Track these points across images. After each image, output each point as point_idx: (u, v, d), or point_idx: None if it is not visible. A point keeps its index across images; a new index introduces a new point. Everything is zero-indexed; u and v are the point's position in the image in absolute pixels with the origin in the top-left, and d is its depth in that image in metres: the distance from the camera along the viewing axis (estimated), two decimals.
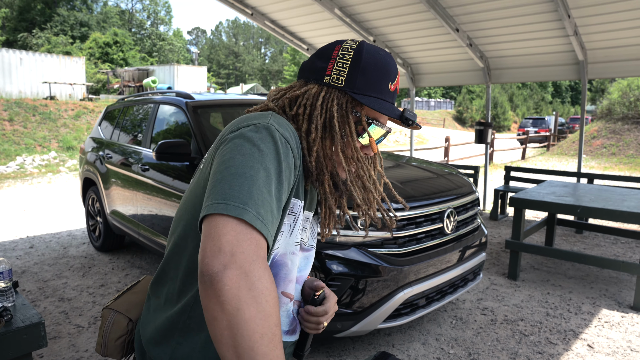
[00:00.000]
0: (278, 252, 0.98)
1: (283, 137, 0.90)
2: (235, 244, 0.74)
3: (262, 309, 0.72)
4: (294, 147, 0.93)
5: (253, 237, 0.76)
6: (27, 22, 43.64)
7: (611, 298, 3.97)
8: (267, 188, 0.82)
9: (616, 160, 14.95)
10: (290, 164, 0.90)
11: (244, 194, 0.78)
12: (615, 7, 5.20)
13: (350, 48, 1.02)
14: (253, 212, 0.77)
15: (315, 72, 1.03)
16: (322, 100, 1.00)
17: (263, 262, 0.76)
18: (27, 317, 1.62)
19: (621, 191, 4.68)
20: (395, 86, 1.05)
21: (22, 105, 15.42)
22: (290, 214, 0.98)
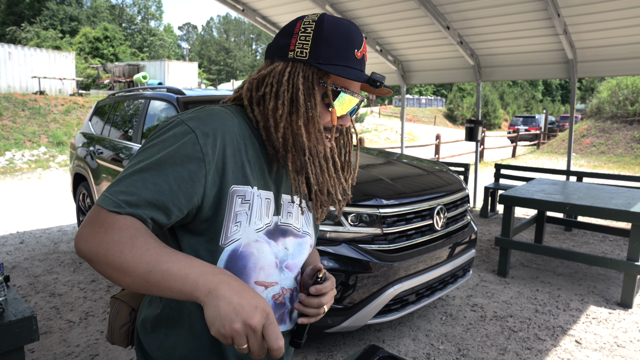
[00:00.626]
0: (241, 242, 0.98)
1: (194, 131, 0.93)
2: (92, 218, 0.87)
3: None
4: (215, 138, 0.94)
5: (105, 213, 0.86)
6: (16, 16, 43.06)
7: (599, 295, 4.02)
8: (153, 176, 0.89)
9: (605, 158, 15.12)
10: (189, 154, 0.91)
11: (120, 183, 0.89)
12: (604, 7, 5.26)
13: (311, 21, 1.02)
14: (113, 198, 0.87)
15: (279, 50, 1.04)
16: (288, 75, 1.00)
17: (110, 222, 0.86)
18: (18, 311, 1.62)
19: (609, 189, 4.75)
20: (362, 53, 1.04)
21: (11, 100, 15.24)
22: (244, 203, 0.98)
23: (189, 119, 0.95)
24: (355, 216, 2.69)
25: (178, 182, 0.90)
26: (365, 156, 3.84)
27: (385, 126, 30.27)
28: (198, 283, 0.81)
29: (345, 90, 1.03)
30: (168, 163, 0.90)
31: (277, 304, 1.07)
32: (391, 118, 37.95)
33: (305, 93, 1.00)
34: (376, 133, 27.44)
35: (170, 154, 0.90)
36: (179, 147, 0.91)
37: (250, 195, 0.99)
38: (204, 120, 0.95)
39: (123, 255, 0.83)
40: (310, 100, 1.00)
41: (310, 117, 1.00)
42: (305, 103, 1.00)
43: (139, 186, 0.88)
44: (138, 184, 0.88)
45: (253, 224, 0.99)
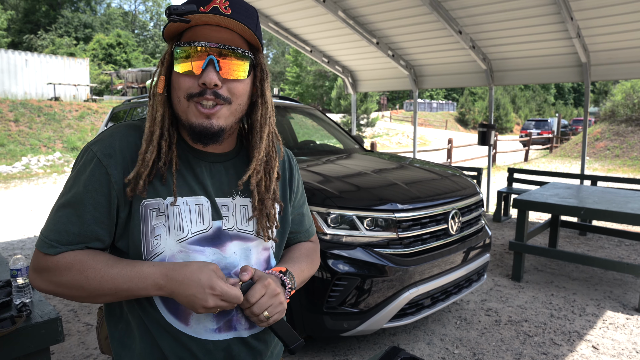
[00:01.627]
0: (165, 255, 0.97)
1: (96, 155, 0.96)
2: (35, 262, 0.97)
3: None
4: (119, 159, 0.96)
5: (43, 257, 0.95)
6: (32, 24, 43.87)
7: (615, 300, 3.99)
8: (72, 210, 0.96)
9: (620, 162, 14.94)
10: (98, 178, 0.96)
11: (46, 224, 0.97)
12: (618, 10, 5.23)
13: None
14: (46, 239, 0.95)
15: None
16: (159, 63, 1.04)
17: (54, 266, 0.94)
18: (45, 313, 1.66)
19: (625, 193, 4.71)
20: (211, 6, 0.92)
21: (27, 106, 15.51)
22: (159, 215, 0.97)
23: (94, 143, 0.98)
24: (371, 220, 2.71)
25: (98, 208, 0.95)
26: (378, 160, 3.86)
27: (397, 130, 30.24)
28: (158, 292, 0.94)
29: (180, 44, 0.95)
30: (83, 193, 0.94)
31: (219, 312, 1.02)
32: (402, 122, 37.90)
33: (157, 74, 1.01)
34: (387, 137, 27.42)
35: (84, 184, 0.95)
36: (88, 175, 0.95)
37: (164, 207, 0.97)
38: (106, 141, 0.97)
39: (84, 290, 0.93)
40: (158, 78, 0.99)
41: (152, 96, 1.01)
42: (152, 88, 1.01)
43: (65, 222, 0.94)
44: (63, 219, 0.94)
45: (173, 235, 0.98)
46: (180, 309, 1.00)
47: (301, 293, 2.63)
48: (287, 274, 1.09)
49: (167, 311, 1.00)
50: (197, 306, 0.92)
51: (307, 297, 2.62)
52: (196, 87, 0.94)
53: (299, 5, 6.74)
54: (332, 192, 2.74)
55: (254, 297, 0.96)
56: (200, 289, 0.90)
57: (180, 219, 0.98)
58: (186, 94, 0.95)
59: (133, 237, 0.97)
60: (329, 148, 4.48)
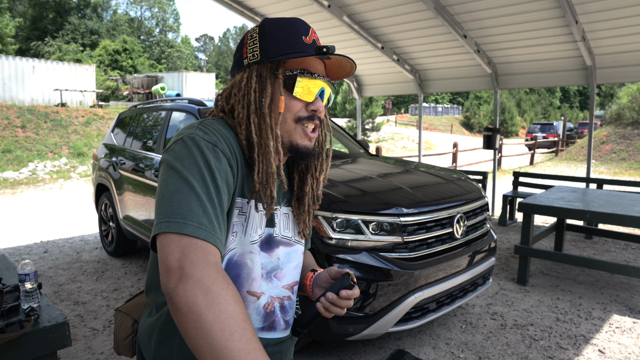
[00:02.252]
0: (235, 252, 1.00)
1: (210, 142, 0.93)
2: (182, 257, 0.79)
3: (224, 309, 0.77)
4: (225, 149, 0.95)
5: (198, 246, 0.81)
6: (40, 31, 44.30)
7: (622, 304, 3.96)
8: (207, 197, 0.86)
9: (626, 165, 14.86)
10: (223, 167, 0.92)
11: (182, 208, 0.83)
12: (623, 13, 5.22)
13: (255, 27, 1.08)
14: (194, 223, 0.82)
15: (236, 64, 1.09)
16: (246, 79, 1.03)
17: (214, 266, 0.81)
18: (52, 317, 1.68)
19: (631, 196, 4.68)
20: (312, 38, 1.05)
21: (34, 112, 15.64)
22: (241, 214, 1.00)
23: (203, 135, 0.94)
24: (377, 225, 2.72)
25: (227, 200, 0.93)
26: (384, 165, 3.87)
27: (402, 135, 30.22)
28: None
29: (302, 72, 1.02)
30: (220, 180, 0.90)
31: (267, 313, 1.07)
32: (407, 127, 37.87)
33: (259, 89, 1.02)
34: (393, 142, 27.41)
35: (217, 171, 0.90)
36: (221, 169, 0.92)
37: (247, 208, 1.00)
38: (214, 134, 0.96)
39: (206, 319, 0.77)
40: (264, 95, 1.01)
41: (261, 112, 1.01)
42: (258, 100, 1.01)
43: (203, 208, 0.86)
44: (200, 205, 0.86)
45: (248, 236, 1.01)
46: None
47: (306, 297, 2.63)
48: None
49: None
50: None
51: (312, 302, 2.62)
52: (304, 112, 1.05)
53: (304, 11, 6.78)
54: (337, 197, 2.75)
55: (357, 296, 1.08)
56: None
57: (254, 222, 1.03)
58: (295, 117, 1.04)
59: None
60: (335, 153, 4.49)
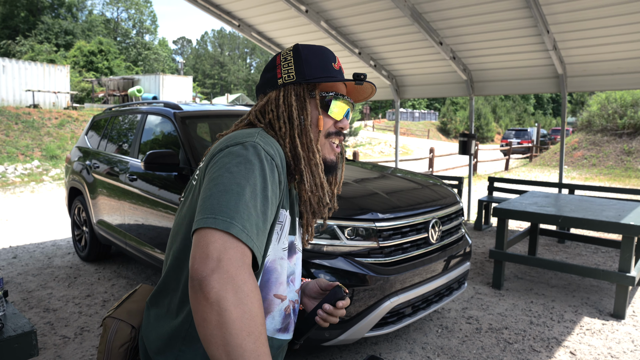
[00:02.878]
0: (269, 258, 1.05)
1: (268, 154, 0.98)
2: (222, 250, 0.81)
3: (248, 310, 0.79)
4: (279, 164, 1.01)
5: (239, 246, 0.83)
6: (10, 30, 43.13)
7: (592, 306, 4.06)
8: (252, 203, 0.89)
9: (596, 171, 15.27)
10: (275, 180, 0.97)
11: (231, 208, 0.85)
12: (592, 24, 5.38)
13: (288, 51, 1.17)
14: (239, 225, 0.84)
15: (268, 82, 1.17)
16: (283, 97, 1.13)
17: (248, 268, 0.83)
18: (18, 326, 1.63)
19: (601, 201, 4.81)
20: (339, 65, 1.18)
21: (4, 113, 15.21)
22: (277, 223, 1.05)
23: (264, 145, 0.99)
24: (352, 230, 2.72)
25: (273, 212, 0.97)
26: (360, 170, 3.89)
27: (379, 139, 30.44)
28: None
29: (335, 94, 1.15)
30: (271, 192, 0.95)
31: (286, 315, 1.13)
32: (385, 132, 38.18)
33: (298, 107, 1.12)
34: (370, 147, 27.57)
35: (271, 184, 0.95)
36: (271, 177, 0.96)
37: (284, 217, 1.07)
38: (271, 146, 1.01)
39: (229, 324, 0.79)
40: (303, 114, 1.11)
41: (303, 129, 1.11)
42: (298, 117, 1.11)
43: (255, 214, 0.88)
44: (253, 211, 0.88)
45: (281, 243, 1.07)
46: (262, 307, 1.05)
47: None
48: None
49: None
50: None
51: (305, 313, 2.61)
52: (333, 128, 1.17)
53: (282, 16, 6.78)
54: None
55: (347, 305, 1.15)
56: None
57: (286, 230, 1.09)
58: (326, 132, 1.16)
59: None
60: None
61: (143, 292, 1.26)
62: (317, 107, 1.14)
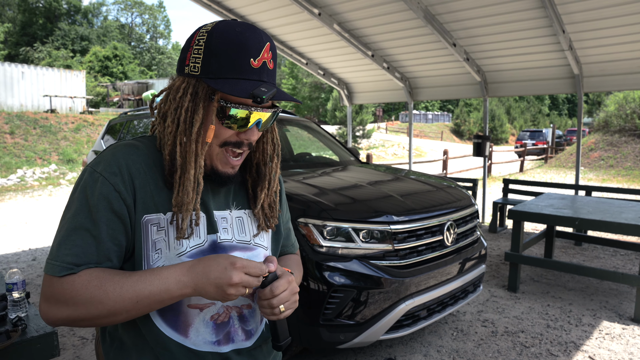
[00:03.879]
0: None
1: (101, 174, 0.97)
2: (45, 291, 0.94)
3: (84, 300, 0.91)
4: (120, 179, 0.97)
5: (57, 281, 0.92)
6: (29, 37, 44.00)
7: (611, 310, 4.00)
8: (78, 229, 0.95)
9: (614, 172, 15.04)
10: (106, 196, 0.95)
11: (54, 247, 0.95)
12: (608, 23, 5.31)
13: (205, 32, 0.98)
14: (57, 263, 0.92)
15: (179, 64, 1.02)
16: (182, 92, 0.99)
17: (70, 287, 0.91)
18: (40, 327, 1.66)
19: (619, 203, 4.74)
20: (262, 60, 0.98)
21: (23, 118, 15.50)
22: (160, 230, 0.99)
23: (96, 164, 0.99)
24: (367, 232, 2.72)
25: (110, 225, 0.96)
26: (374, 173, 3.88)
27: (392, 142, 30.35)
28: (182, 290, 0.93)
29: (236, 105, 0.97)
30: (95, 213, 0.94)
31: (217, 324, 1.05)
32: (398, 134, 38.07)
33: (190, 110, 0.98)
34: (383, 149, 27.52)
35: (94, 204, 0.95)
36: (97, 195, 0.95)
37: (164, 222, 1.00)
38: (108, 160, 0.98)
39: (103, 306, 0.91)
40: (194, 118, 0.98)
41: (188, 135, 0.98)
42: (186, 120, 0.98)
43: (81, 244, 0.93)
44: (79, 242, 0.93)
45: (173, 249, 1.00)
46: (179, 321, 1.02)
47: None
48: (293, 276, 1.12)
49: (165, 324, 1.01)
50: (224, 287, 0.91)
51: (303, 310, 2.62)
52: (234, 137, 1.01)
53: (295, 19, 6.81)
54: (328, 205, 2.76)
55: (278, 290, 0.98)
56: (222, 267, 0.92)
57: (173, 234, 1.01)
58: (221, 142, 1.01)
59: (135, 252, 0.99)
60: (325, 160, 4.50)
61: None
62: (212, 114, 0.98)
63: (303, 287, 2.61)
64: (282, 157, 4.11)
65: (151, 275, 0.93)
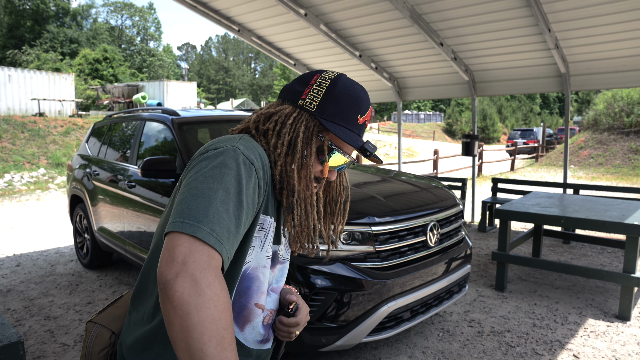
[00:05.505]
0: (250, 265, 1.04)
1: (247, 159, 0.96)
2: (188, 254, 0.81)
3: (210, 314, 0.78)
4: (259, 168, 0.99)
5: (205, 249, 0.82)
6: (16, 39, 43.58)
7: (597, 307, 4.00)
8: (224, 207, 0.88)
9: (603, 170, 15.13)
10: (253, 184, 0.96)
11: (200, 212, 0.85)
12: (594, 22, 5.33)
13: (327, 78, 1.10)
14: (207, 229, 0.84)
15: (292, 94, 1.11)
16: (293, 120, 1.07)
17: (214, 271, 0.82)
18: (5, 337, 1.61)
19: (605, 201, 4.75)
20: (365, 119, 1.12)
21: (10, 122, 15.33)
22: (261, 230, 1.04)
23: (244, 149, 0.98)
24: (348, 234, 2.70)
25: (248, 218, 0.95)
26: (360, 174, 3.86)
27: (385, 142, 30.38)
28: None
29: (339, 149, 1.10)
30: (243, 205, 0.92)
31: (266, 325, 1.12)
32: (390, 134, 38.09)
33: (304, 141, 1.06)
34: None
35: (246, 195, 0.93)
36: (250, 187, 0.95)
37: (268, 225, 1.05)
38: (253, 151, 1.00)
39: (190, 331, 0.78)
40: (307, 149, 1.06)
41: (303, 164, 1.06)
42: (302, 149, 1.06)
43: (225, 226, 0.87)
44: (223, 223, 0.87)
45: (264, 251, 1.06)
46: (241, 315, 1.06)
47: None
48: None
49: None
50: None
51: None
52: (319, 174, 1.11)
53: (282, 19, 6.79)
54: None
55: (303, 320, 1.15)
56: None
57: (270, 238, 1.08)
58: (313, 177, 1.10)
59: (244, 241, 1.02)
60: None
61: (128, 297, 1.26)
62: (317, 148, 1.09)
63: None
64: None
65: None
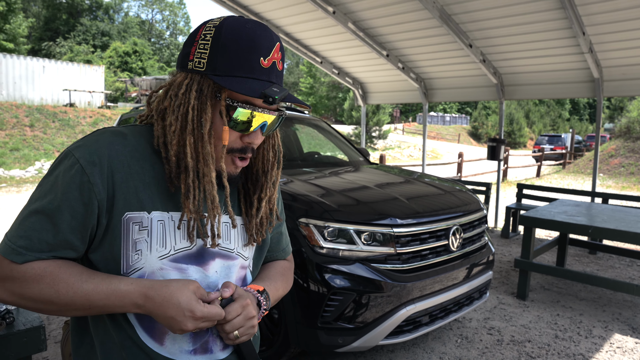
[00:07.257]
0: (144, 271, 0.94)
1: (79, 161, 0.90)
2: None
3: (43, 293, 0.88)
4: (102, 166, 0.91)
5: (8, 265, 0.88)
6: (52, 32, 44.84)
7: (624, 322, 3.87)
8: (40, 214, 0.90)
9: (635, 179, 14.69)
10: (79, 186, 0.90)
11: (12, 227, 0.91)
12: (630, 25, 5.15)
13: (212, 26, 0.93)
14: (14, 245, 0.88)
15: (181, 59, 0.97)
16: (185, 88, 0.93)
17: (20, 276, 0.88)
18: (28, 321, 1.65)
19: (636, 212, 4.59)
20: (272, 60, 0.94)
21: (42, 111, 15.76)
22: (142, 229, 0.93)
23: (76, 149, 0.92)
24: (369, 235, 2.67)
25: (75, 217, 0.89)
26: (384, 174, 3.82)
27: (409, 143, 30.16)
28: (138, 311, 0.91)
29: (244, 104, 0.93)
30: (62, 200, 0.89)
31: (195, 334, 0.99)
32: (415, 135, 37.80)
33: (198, 108, 0.92)
34: (399, 150, 27.35)
35: (62, 191, 0.89)
36: (69, 182, 0.89)
37: (148, 221, 0.94)
38: (90, 147, 0.92)
39: (54, 305, 0.89)
40: (202, 117, 0.92)
41: (199, 136, 0.93)
42: (194, 119, 0.92)
43: (38, 228, 0.88)
44: (36, 226, 0.88)
45: (155, 251, 0.94)
46: (156, 328, 0.97)
47: (296, 307, 2.59)
48: (264, 294, 1.07)
49: (142, 329, 0.97)
50: (175, 329, 0.90)
51: (301, 312, 2.57)
52: (239, 143, 0.98)
53: (309, 17, 6.77)
54: (330, 206, 2.71)
55: (230, 315, 0.95)
56: (180, 311, 0.89)
57: (163, 235, 0.95)
58: (227, 148, 0.97)
59: (112, 250, 0.93)
60: (333, 160, 4.46)
61: None
62: (221, 113, 0.93)
63: (302, 288, 2.57)
64: (290, 156, 4.08)
65: (108, 288, 0.89)
